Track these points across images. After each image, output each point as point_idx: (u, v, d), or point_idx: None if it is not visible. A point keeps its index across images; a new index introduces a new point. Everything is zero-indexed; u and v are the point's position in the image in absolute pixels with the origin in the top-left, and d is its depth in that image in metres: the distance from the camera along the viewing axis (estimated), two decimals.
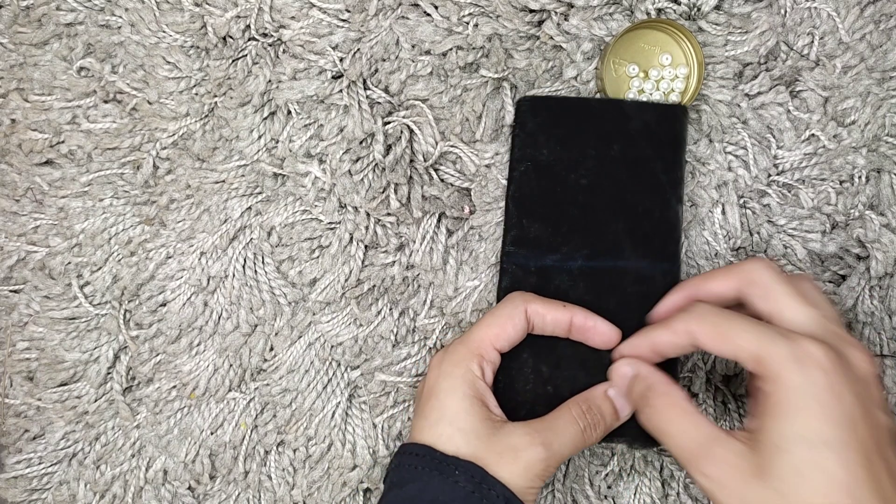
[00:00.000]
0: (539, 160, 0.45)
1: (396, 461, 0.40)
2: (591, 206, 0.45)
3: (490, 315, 0.42)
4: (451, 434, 0.38)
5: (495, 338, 0.41)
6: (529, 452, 0.38)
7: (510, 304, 0.42)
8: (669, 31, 0.46)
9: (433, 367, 0.41)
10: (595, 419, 0.41)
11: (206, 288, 0.49)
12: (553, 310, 0.42)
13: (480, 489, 0.37)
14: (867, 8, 0.46)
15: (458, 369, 0.40)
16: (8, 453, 0.51)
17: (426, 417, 0.39)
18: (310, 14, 0.48)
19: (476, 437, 0.38)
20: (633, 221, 0.44)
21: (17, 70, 0.50)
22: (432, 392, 0.40)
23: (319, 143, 0.48)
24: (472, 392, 0.39)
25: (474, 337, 0.41)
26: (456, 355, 0.40)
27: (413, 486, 0.38)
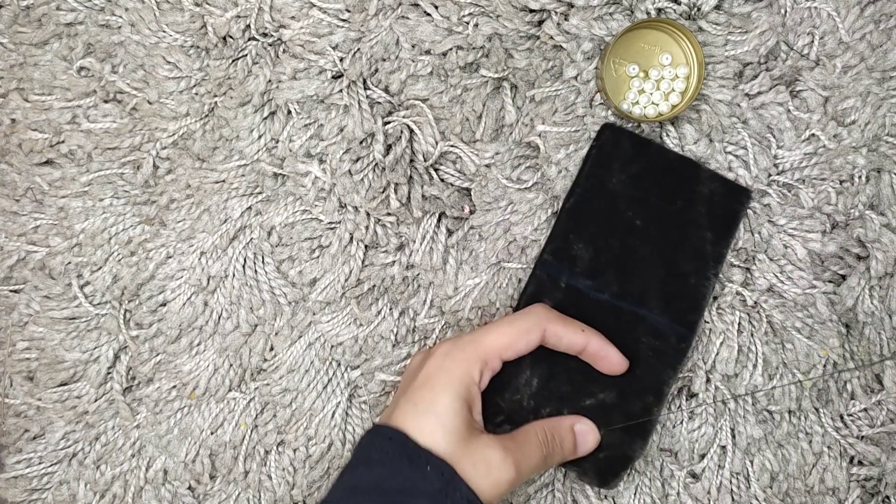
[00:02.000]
0: (606, 186, 0.46)
1: (369, 439, 0.40)
2: (636, 248, 0.45)
3: (507, 323, 0.41)
4: (433, 429, 0.38)
5: (505, 348, 0.41)
6: (502, 471, 0.38)
7: (531, 318, 0.42)
8: (669, 31, 0.46)
9: (437, 356, 0.41)
10: (556, 448, 0.42)
11: (206, 288, 0.49)
12: (571, 333, 0.42)
13: (448, 488, 0.37)
14: (867, 8, 0.46)
15: (459, 369, 0.40)
16: (8, 453, 0.51)
17: (414, 404, 0.39)
18: (310, 14, 0.48)
19: (456, 439, 0.38)
20: (668, 278, 0.45)
21: (17, 70, 0.50)
22: (428, 382, 0.40)
23: (319, 143, 0.48)
24: (465, 395, 0.39)
25: (486, 341, 0.41)
26: (462, 353, 0.40)
27: (381, 470, 0.38)
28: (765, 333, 0.47)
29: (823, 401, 0.47)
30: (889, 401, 0.46)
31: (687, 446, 0.47)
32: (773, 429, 0.47)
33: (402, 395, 0.41)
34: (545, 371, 0.44)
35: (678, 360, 0.45)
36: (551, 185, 0.47)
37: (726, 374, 0.47)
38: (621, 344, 0.44)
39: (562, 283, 0.45)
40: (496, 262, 0.48)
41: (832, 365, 0.47)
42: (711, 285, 0.45)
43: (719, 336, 0.47)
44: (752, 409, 0.47)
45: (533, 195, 0.47)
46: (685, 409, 0.47)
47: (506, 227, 0.48)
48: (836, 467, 0.47)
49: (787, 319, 0.47)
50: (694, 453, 0.47)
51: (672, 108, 0.47)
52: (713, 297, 0.47)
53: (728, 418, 0.47)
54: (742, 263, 0.47)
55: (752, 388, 0.47)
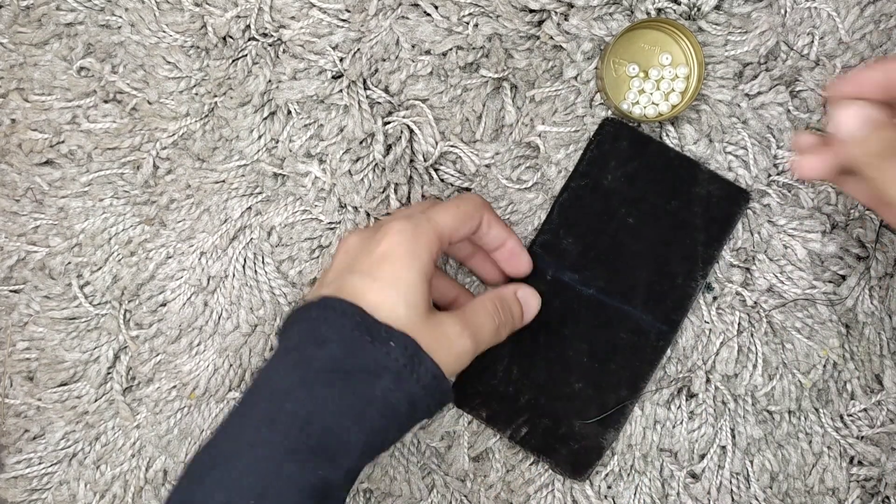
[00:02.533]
0: (600, 183, 0.46)
1: (315, 313, 0.37)
2: (626, 245, 0.46)
3: (454, 206, 0.41)
4: (395, 303, 0.36)
5: (454, 230, 0.40)
6: (461, 343, 0.38)
7: (473, 203, 0.41)
8: (669, 31, 0.46)
9: (394, 232, 0.38)
10: (507, 318, 0.41)
11: (206, 288, 0.49)
12: (499, 225, 0.43)
13: (412, 363, 0.36)
14: (867, 8, 0.46)
15: (420, 243, 0.38)
16: (8, 453, 0.51)
17: (375, 277, 0.37)
18: (310, 14, 0.48)
19: (417, 315, 0.37)
20: (655, 276, 0.46)
21: (17, 70, 0.50)
22: (390, 255, 0.37)
23: (319, 143, 0.48)
24: (425, 269, 0.38)
25: (440, 220, 0.39)
26: (421, 229, 0.38)
27: (338, 347, 0.35)
28: (765, 333, 0.47)
29: (823, 401, 0.47)
30: (889, 401, 0.46)
31: (687, 446, 0.47)
32: (773, 429, 0.47)
33: (351, 270, 0.38)
34: (525, 360, 0.46)
35: (656, 356, 0.46)
36: (551, 185, 0.47)
37: (726, 374, 0.47)
38: (601, 337, 0.46)
39: (548, 275, 0.46)
40: None
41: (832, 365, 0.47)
42: (699, 287, 0.46)
43: (719, 336, 0.47)
44: (752, 409, 0.47)
45: (533, 195, 0.47)
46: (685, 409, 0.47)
47: None
48: (835, 467, 0.47)
49: (787, 319, 0.47)
50: (694, 453, 0.47)
51: (672, 108, 0.47)
52: (713, 298, 0.47)
53: (728, 418, 0.47)
54: (742, 263, 0.47)
55: (752, 388, 0.47)
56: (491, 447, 0.48)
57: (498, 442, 0.48)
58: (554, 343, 0.46)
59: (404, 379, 0.35)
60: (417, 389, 0.36)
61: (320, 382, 0.35)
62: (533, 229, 0.47)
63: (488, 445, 0.48)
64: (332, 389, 0.35)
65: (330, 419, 0.34)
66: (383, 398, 0.35)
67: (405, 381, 0.35)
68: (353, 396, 0.35)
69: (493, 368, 0.46)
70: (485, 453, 0.48)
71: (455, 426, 0.48)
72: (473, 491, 0.48)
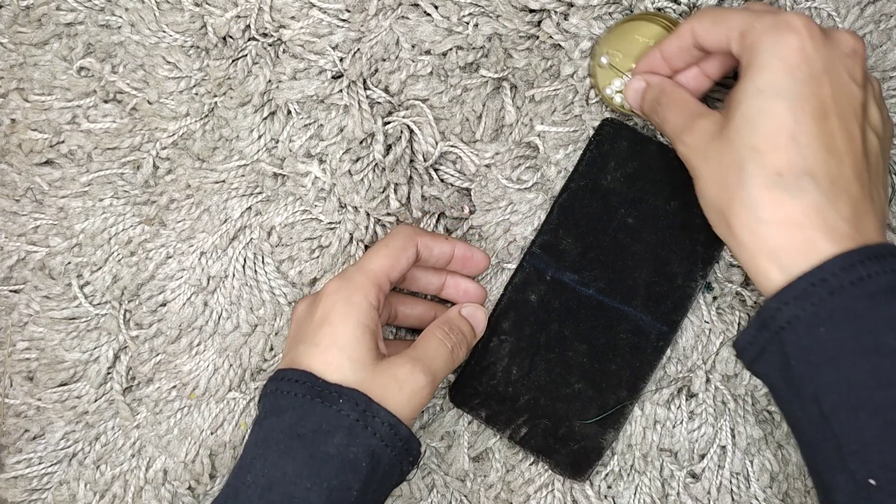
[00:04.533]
0: (600, 183, 0.46)
1: (273, 387, 0.39)
2: (625, 245, 0.46)
3: (383, 246, 0.42)
4: (340, 362, 0.38)
5: (390, 269, 0.41)
6: (413, 381, 0.38)
7: (402, 236, 0.42)
8: (665, 25, 0.46)
9: (328, 294, 0.40)
10: (459, 338, 0.42)
11: (206, 288, 0.49)
12: (439, 243, 0.44)
13: (364, 417, 0.37)
14: (867, 8, 0.46)
15: (356, 296, 0.39)
16: (8, 453, 0.51)
17: (316, 343, 0.39)
18: (310, 14, 0.48)
19: (363, 367, 0.38)
20: (655, 277, 0.45)
21: (17, 70, 0.50)
22: (327, 318, 0.39)
23: (319, 143, 0.48)
24: (366, 321, 0.39)
25: (372, 267, 0.41)
26: (354, 283, 0.40)
27: (292, 414, 0.37)
28: None
29: None
30: None
31: (687, 446, 0.47)
32: (773, 429, 0.47)
33: (298, 340, 0.40)
34: (525, 361, 0.46)
35: (656, 357, 0.46)
36: (551, 186, 0.47)
37: (726, 374, 0.47)
38: (601, 337, 0.46)
39: (547, 276, 0.46)
40: (496, 263, 0.48)
41: None
42: (699, 287, 0.46)
43: (719, 336, 0.47)
44: (752, 409, 0.47)
45: (533, 195, 0.47)
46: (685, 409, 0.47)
47: (506, 227, 0.48)
48: None
49: None
50: (694, 453, 0.47)
51: None
52: (713, 298, 0.47)
53: (728, 418, 0.47)
54: None
55: (752, 388, 0.47)
56: (491, 447, 0.48)
57: (498, 442, 0.48)
58: (554, 343, 0.46)
59: (358, 433, 0.37)
60: (375, 441, 0.37)
61: (279, 450, 0.37)
62: (533, 229, 0.47)
63: (488, 445, 0.48)
64: (289, 455, 0.36)
65: (289, 484, 0.36)
66: (339, 454, 0.36)
67: (359, 435, 0.37)
68: (309, 458, 0.36)
69: (492, 369, 0.46)
70: (485, 453, 0.48)
71: (455, 426, 0.48)
72: (473, 491, 0.48)
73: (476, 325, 0.44)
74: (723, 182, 0.36)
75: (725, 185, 0.36)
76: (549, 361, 0.46)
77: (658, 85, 0.42)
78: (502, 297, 0.47)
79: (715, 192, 0.37)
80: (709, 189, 0.38)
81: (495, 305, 0.47)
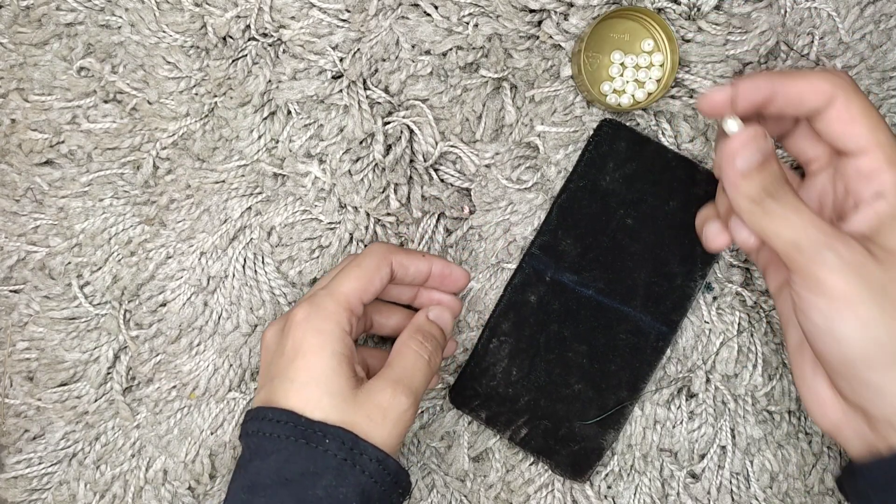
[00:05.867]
0: (599, 184, 0.46)
1: (255, 427, 0.37)
2: (625, 246, 0.46)
3: (356, 267, 0.40)
4: (319, 398, 0.36)
5: (363, 291, 0.39)
6: (397, 405, 0.37)
7: (375, 255, 0.41)
8: (640, 20, 0.46)
9: (298, 323, 0.38)
10: (434, 345, 0.41)
11: (206, 288, 0.49)
12: (415, 261, 0.42)
13: (352, 455, 0.36)
14: (867, 8, 0.46)
15: (327, 324, 0.37)
16: (8, 453, 0.51)
17: (291, 379, 0.37)
18: (310, 14, 0.48)
19: (343, 399, 0.36)
20: (654, 277, 0.46)
21: (17, 70, 0.50)
22: (299, 350, 0.37)
23: (319, 143, 0.48)
24: (341, 349, 0.37)
25: (342, 290, 0.39)
26: (324, 310, 0.38)
27: (277, 457, 0.36)
28: (765, 333, 0.47)
29: None
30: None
31: (687, 446, 0.47)
32: (773, 429, 0.47)
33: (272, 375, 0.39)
34: (524, 362, 0.46)
35: (656, 357, 0.46)
36: (551, 186, 0.47)
37: (726, 374, 0.47)
38: (601, 338, 0.46)
39: (546, 276, 0.46)
40: (496, 263, 0.48)
41: None
42: (698, 287, 0.46)
43: (719, 336, 0.47)
44: (752, 409, 0.47)
45: (533, 195, 0.47)
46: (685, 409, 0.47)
47: (506, 227, 0.48)
48: (836, 467, 0.47)
49: None
50: (694, 453, 0.47)
51: (648, 97, 0.46)
52: (713, 298, 0.47)
53: (728, 418, 0.47)
54: (742, 263, 0.47)
55: (752, 388, 0.47)
56: (491, 447, 0.48)
57: (498, 442, 0.48)
58: (553, 344, 0.46)
59: (346, 473, 0.35)
60: (364, 479, 0.36)
61: (266, 496, 0.35)
62: (532, 230, 0.47)
63: (488, 445, 0.48)
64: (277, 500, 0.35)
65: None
66: (328, 496, 0.35)
67: (348, 475, 0.35)
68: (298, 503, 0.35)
69: (492, 370, 0.46)
70: (485, 453, 0.48)
71: (455, 426, 0.48)
72: (473, 491, 0.48)
73: (446, 328, 0.43)
74: (887, 326, 0.31)
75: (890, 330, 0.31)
76: (549, 362, 0.46)
77: (776, 171, 0.34)
78: (502, 297, 0.47)
79: (871, 333, 0.32)
80: (860, 328, 0.32)
81: (495, 306, 0.47)
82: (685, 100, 0.47)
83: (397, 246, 0.42)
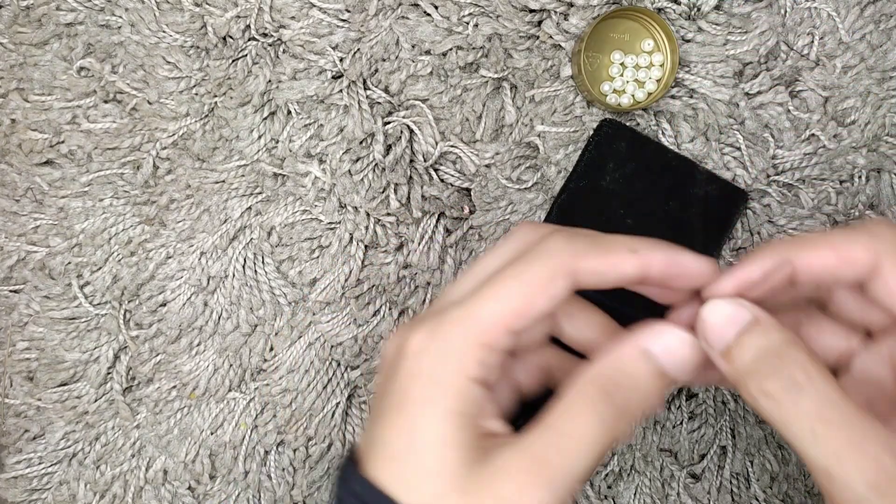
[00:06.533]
0: (598, 184, 0.46)
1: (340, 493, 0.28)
2: None
3: (513, 278, 0.26)
4: (420, 480, 0.25)
5: (516, 317, 0.26)
6: (526, 501, 0.24)
7: (548, 262, 0.27)
8: (639, 19, 0.46)
9: (409, 356, 0.27)
10: (625, 401, 0.25)
11: (206, 288, 0.49)
12: (615, 262, 0.28)
13: None
14: (867, 8, 0.46)
15: (445, 369, 0.26)
16: (8, 453, 0.51)
17: (387, 442, 0.26)
18: (310, 14, 0.48)
19: (453, 484, 0.25)
20: None
21: (17, 70, 0.50)
22: (404, 401, 0.26)
23: (319, 143, 0.48)
24: (460, 407, 0.26)
25: (482, 313, 0.26)
26: (446, 345, 0.26)
27: None
28: None
29: None
30: None
31: (687, 446, 0.47)
32: (773, 429, 0.47)
33: (376, 415, 0.28)
34: None
35: None
36: (551, 186, 0.47)
37: None
38: None
39: None
40: None
41: None
42: None
43: None
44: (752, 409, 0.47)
45: (533, 195, 0.47)
46: (685, 410, 0.47)
47: (506, 227, 0.48)
48: None
49: None
50: (694, 453, 0.47)
51: (648, 97, 0.46)
52: None
53: (728, 418, 0.47)
54: None
55: None
56: None
57: None
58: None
59: None
60: None
61: None
62: None
63: None
64: None
65: None
66: None
67: None
68: None
69: None
70: None
71: None
72: None
73: (673, 371, 0.26)
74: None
75: None
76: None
77: (770, 334, 0.26)
78: None
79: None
80: None
81: None
82: (685, 100, 0.47)
83: (588, 239, 0.27)
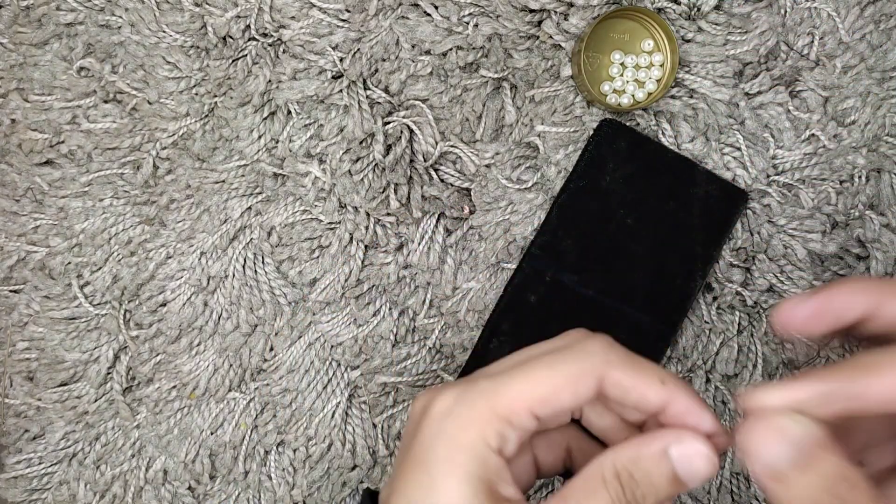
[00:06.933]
0: (598, 184, 0.46)
1: None
2: (625, 246, 0.46)
3: (546, 365, 0.28)
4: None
5: (541, 402, 0.27)
6: None
7: (584, 359, 0.28)
8: (640, 19, 0.46)
9: (435, 417, 0.28)
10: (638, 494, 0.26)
11: (206, 288, 0.49)
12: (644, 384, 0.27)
13: None
14: (867, 8, 0.46)
15: (467, 435, 0.27)
16: (8, 453, 0.51)
17: (408, 495, 0.27)
18: (310, 14, 0.48)
19: None
20: (655, 277, 0.46)
21: (17, 70, 0.50)
22: (425, 460, 0.27)
23: (319, 143, 0.48)
24: (479, 472, 0.26)
25: (509, 391, 0.27)
26: (471, 411, 0.27)
27: None
28: (765, 333, 0.47)
29: None
30: None
31: None
32: None
33: (398, 472, 0.28)
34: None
35: (656, 357, 0.46)
36: (551, 186, 0.47)
37: (726, 374, 0.47)
38: None
39: (546, 276, 0.46)
40: (496, 263, 0.48)
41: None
42: (698, 287, 0.46)
43: (719, 336, 0.47)
44: None
45: (533, 195, 0.47)
46: None
47: (506, 227, 0.48)
48: None
49: None
50: None
51: (648, 97, 0.46)
52: (713, 298, 0.47)
53: (728, 418, 0.47)
54: (742, 263, 0.47)
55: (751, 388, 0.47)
56: None
57: None
58: None
59: None
60: None
61: None
62: (533, 230, 0.47)
63: None
64: None
65: None
66: None
67: None
68: None
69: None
70: None
71: None
72: None
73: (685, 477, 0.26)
74: None
75: None
76: None
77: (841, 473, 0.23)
78: (502, 297, 0.47)
79: None
80: None
81: (495, 306, 0.47)
82: (685, 100, 0.47)
83: (626, 354, 0.28)
